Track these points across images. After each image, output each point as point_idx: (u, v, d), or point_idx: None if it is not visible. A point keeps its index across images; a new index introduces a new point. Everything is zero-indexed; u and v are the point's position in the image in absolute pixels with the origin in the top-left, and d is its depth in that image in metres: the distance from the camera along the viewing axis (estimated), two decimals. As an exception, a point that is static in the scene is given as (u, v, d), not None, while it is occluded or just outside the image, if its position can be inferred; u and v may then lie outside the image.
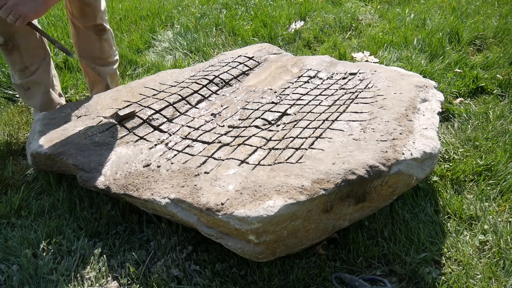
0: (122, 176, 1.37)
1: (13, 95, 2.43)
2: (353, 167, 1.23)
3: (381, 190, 1.30)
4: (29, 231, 1.47)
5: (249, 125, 1.57)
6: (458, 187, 1.62)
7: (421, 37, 2.73)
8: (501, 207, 1.51)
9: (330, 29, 3.04)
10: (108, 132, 1.57)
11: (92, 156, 1.47)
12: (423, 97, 1.62)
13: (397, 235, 1.40)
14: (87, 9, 1.86)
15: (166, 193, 1.26)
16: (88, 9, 1.86)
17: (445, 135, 1.91)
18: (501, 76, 2.31)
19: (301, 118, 1.57)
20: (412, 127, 1.43)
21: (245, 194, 1.18)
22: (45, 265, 1.31)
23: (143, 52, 2.95)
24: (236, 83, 1.95)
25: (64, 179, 1.69)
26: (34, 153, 1.51)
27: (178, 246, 1.39)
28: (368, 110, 1.55)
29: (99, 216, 1.53)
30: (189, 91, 1.81)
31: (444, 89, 2.20)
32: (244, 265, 1.32)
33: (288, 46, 2.88)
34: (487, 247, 1.35)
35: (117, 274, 1.31)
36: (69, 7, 1.89)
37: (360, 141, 1.36)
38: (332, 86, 1.81)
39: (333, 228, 1.29)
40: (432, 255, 1.33)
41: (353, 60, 2.57)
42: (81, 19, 1.90)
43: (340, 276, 1.26)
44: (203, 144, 1.48)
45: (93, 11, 1.88)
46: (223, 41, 2.97)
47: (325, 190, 1.17)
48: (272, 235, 1.14)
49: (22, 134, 2.07)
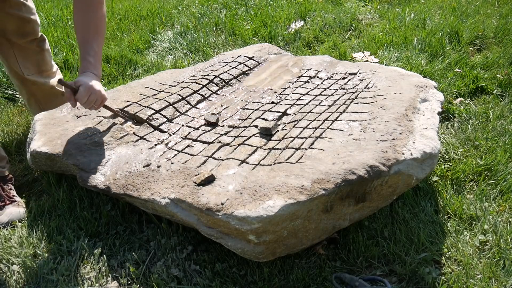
0: (122, 176, 1.37)
1: (13, 95, 2.43)
2: (353, 167, 1.23)
3: (381, 190, 1.30)
4: (29, 231, 1.48)
5: (249, 125, 1.57)
6: (458, 187, 1.62)
7: (421, 37, 2.73)
8: (501, 207, 1.51)
9: (330, 29, 3.04)
10: (108, 132, 1.57)
11: (92, 156, 1.47)
12: (423, 97, 1.62)
13: (397, 235, 1.40)
14: (27, 26, 1.74)
15: (166, 193, 1.26)
16: (29, 25, 1.75)
17: (445, 135, 1.91)
18: (501, 76, 2.31)
19: (301, 118, 1.57)
20: (412, 127, 1.43)
21: (245, 194, 1.18)
22: (45, 265, 1.31)
23: (143, 52, 2.95)
24: (236, 83, 1.95)
25: (64, 179, 1.69)
26: (34, 153, 1.51)
27: (178, 246, 1.39)
28: (368, 110, 1.55)
29: (99, 216, 1.53)
30: (189, 91, 1.81)
31: (444, 89, 2.20)
32: (244, 265, 1.32)
33: (288, 46, 2.88)
34: (487, 247, 1.35)
35: (117, 274, 1.31)
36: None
37: (360, 141, 1.36)
38: (332, 86, 1.81)
39: (333, 228, 1.29)
40: (432, 255, 1.33)
41: (353, 60, 2.57)
42: (19, 36, 1.74)
43: (340, 276, 1.26)
44: (203, 144, 1.48)
45: (34, 26, 1.77)
46: (223, 41, 2.97)
47: (325, 190, 1.17)
48: (272, 235, 1.14)
49: (22, 134, 2.07)
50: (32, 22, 1.75)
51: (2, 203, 1.56)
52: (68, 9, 3.89)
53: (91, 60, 1.47)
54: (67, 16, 3.63)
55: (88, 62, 1.47)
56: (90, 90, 1.41)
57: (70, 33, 3.26)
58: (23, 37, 1.75)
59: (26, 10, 1.71)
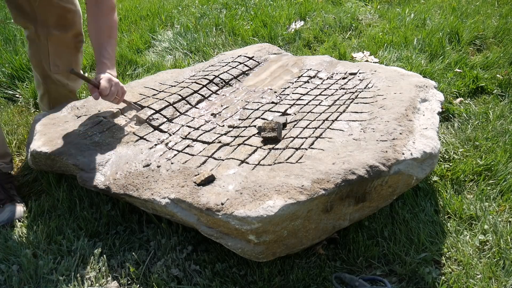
0: (122, 176, 1.37)
1: (13, 95, 2.44)
2: (353, 167, 1.23)
3: (381, 190, 1.30)
4: (29, 231, 1.47)
5: (249, 125, 1.57)
6: (458, 187, 1.62)
7: (421, 37, 2.73)
8: (501, 207, 1.51)
9: (330, 29, 3.04)
10: (108, 132, 1.57)
11: (92, 156, 1.47)
12: (423, 97, 1.62)
13: (397, 235, 1.40)
14: (68, 16, 1.78)
15: (166, 193, 1.26)
16: (69, 15, 1.79)
17: (445, 135, 1.91)
18: (501, 76, 2.31)
19: (301, 118, 1.57)
20: (412, 127, 1.43)
21: (245, 194, 1.18)
22: (45, 265, 1.31)
23: (143, 52, 2.95)
24: (236, 83, 1.95)
25: (64, 179, 1.69)
26: (34, 153, 1.51)
27: (178, 246, 1.39)
28: (368, 110, 1.55)
29: (99, 216, 1.53)
30: (189, 91, 1.81)
31: (444, 89, 2.20)
32: (244, 265, 1.32)
33: (288, 46, 2.88)
34: (487, 247, 1.35)
35: (117, 274, 1.31)
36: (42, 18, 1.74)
37: (360, 141, 1.36)
38: (332, 86, 1.81)
39: (333, 228, 1.29)
40: (432, 255, 1.33)
41: (353, 60, 2.57)
42: (61, 29, 1.78)
43: (340, 276, 1.26)
44: (203, 144, 1.48)
45: (74, 17, 1.81)
46: (223, 41, 2.97)
47: (325, 190, 1.17)
48: (272, 235, 1.14)
49: (22, 134, 2.07)
50: (71, 12, 1.79)
51: (1, 202, 1.56)
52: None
53: (107, 62, 1.55)
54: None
55: (103, 64, 1.54)
56: (111, 82, 1.49)
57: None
58: (64, 30, 1.80)
59: (67, 0, 1.77)
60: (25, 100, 2.38)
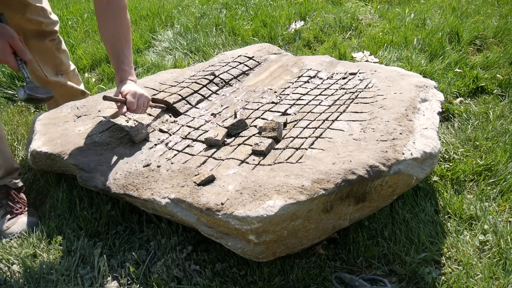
0: (122, 176, 1.37)
1: (13, 95, 2.43)
2: (353, 167, 1.23)
3: (381, 190, 1.30)
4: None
5: (249, 125, 1.56)
6: (458, 187, 1.62)
7: (421, 37, 2.73)
8: (501, 207, 1.51)
9: (330, 29, 3.04)
10: (108, 132, 1.57)
11: (92, 156, 1.46)
12: (423, 97, 1.62)
13: (397, 235, 1.40)
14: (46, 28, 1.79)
15: (166, 193, 1.26)
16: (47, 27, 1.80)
17: (445, 135, 1.91)
18: (501, 76, 2.31)
19: (301, 118, 1.57)
20: (412, 127, 1.43)
21: (245, 194, 1.18)
22: (45, 265, 1.31)
23: (143, 52, 2.95)
24: (236, 83, 1.95)
25: (64, 179, 1.69)
26: (34, 153, 1.51)
27: (178, 246, 1.39)
28: (368, 110, 1.55)
29: (99, 216, 1.53)
30: (189, 91, 1.81)
31: (444, 89, 2.20)
32: (244, 265, 1.32)
33: (288, 46, 2.88)
34: (487, 247, 1.35)
35: (117, 274, 1.31)
36: None
37: (360, 141, 1.36)
38: (332, 86, 1.81)
39: (333, 228, 1.29)
40: (432, 255, 1.33)
41: (353, 60, 2.56)
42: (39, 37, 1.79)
43: (340, 276, 1.26)
44: (203, 144, 1.48)
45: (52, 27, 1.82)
46: (223, 41, 2.97)
47: (325, 190, 1.17)
48: (272, 235, 1.14)
49: (22, 134, 2.07)
50: (49, 24, 1.80)
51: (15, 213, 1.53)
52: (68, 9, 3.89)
53: (126, 68, 1.53)
54: (66, 16, 3.63)
55: (124, 71, 1.52)
56: (136, 95, 1.47)
57: (70, 33, 3.26)
58: (43, 38, 1.79)
59: (44, 14, 1.75)
60: (25, 100, 2.38)
